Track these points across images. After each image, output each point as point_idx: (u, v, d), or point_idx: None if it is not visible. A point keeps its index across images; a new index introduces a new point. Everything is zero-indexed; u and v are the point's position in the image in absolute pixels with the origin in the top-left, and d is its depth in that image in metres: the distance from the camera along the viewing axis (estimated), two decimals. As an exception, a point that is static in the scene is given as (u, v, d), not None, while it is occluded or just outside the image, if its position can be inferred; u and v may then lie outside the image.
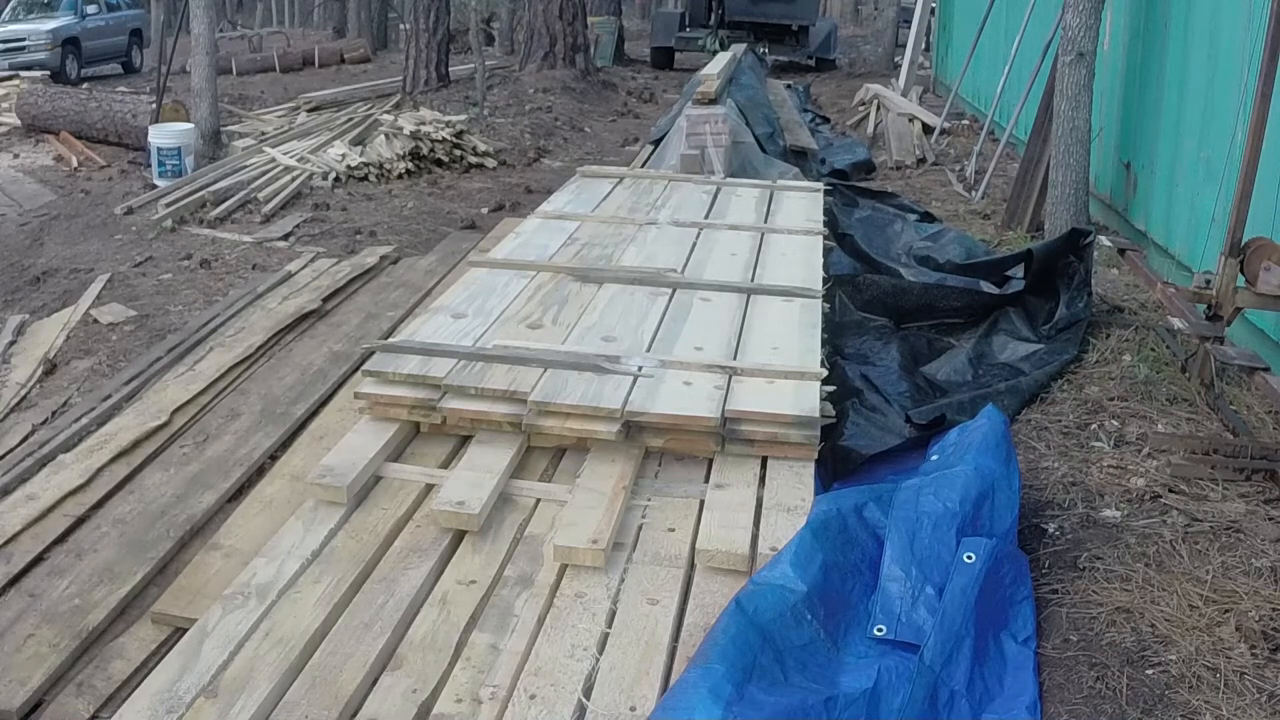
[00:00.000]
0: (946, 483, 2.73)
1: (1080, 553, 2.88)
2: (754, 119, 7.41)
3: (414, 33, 12.85)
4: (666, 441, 3.10)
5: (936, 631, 2.40)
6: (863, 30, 24.88)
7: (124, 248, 5.97)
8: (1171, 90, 5.25)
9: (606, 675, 2.26)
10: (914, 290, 4.56)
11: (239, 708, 2.16)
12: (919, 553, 2.56)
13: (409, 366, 3.26)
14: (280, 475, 3.32)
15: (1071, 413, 3.74)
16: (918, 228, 5.77)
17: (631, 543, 2.73)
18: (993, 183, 7.26)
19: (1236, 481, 3.20)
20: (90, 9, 17.85)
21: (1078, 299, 4.34)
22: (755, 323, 3.73)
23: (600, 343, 3.48)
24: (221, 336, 4.41)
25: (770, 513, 2.81)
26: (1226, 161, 4.33)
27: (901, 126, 9.55)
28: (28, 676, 2.47)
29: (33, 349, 4.52)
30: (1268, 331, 4.08)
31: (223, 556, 2.86)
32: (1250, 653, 2.44)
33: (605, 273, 4.17)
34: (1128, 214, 5.84)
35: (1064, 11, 5.64)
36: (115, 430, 3.59)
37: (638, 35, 21.31)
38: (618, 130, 11.19)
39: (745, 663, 2.19)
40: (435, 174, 8.01)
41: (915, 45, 12.47)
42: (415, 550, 2.71)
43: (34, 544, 2.97)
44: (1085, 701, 2.37)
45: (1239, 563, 2.78)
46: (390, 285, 5.13)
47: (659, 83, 15.36)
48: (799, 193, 5.70)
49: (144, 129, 8.37)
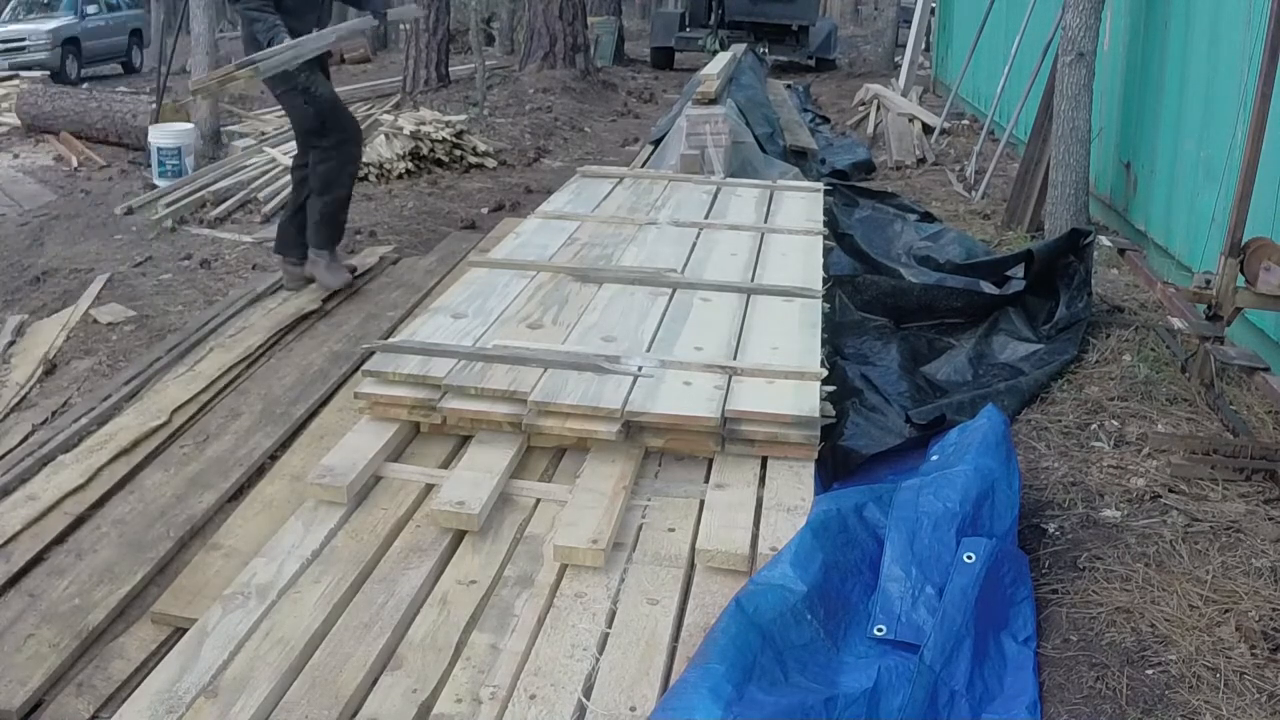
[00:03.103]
0: (946, 483, 2.73)
1: (1080, 553, 2.88)
2: (754, 119, 7.41)
3: (414, 33, 12.85)
4: (666, 441, 3.10)
5: (936, 631, 2.40)
6: (863, 30, 24.88)
7: (124, 248, 5.97)
8: (1171, 90, 5.25)
9: (606, 675, 2.26)
10: (914, 290, 4.56)
11: (239, 708, 2.16)
12: (919, 553, 2.56)
13: (409, 366, 3.26)
14: (280, 475, 3.32)
15: (1071, 413, 3.74)
16: (918, 228, 5.77)
17: (631, 543, 2.73)
18: (993, 183, 7.26)
19: (1236, 481, 3.20)
20: (90, 9, 17.87)
21: (1078, 299, 4.34)
22: (755, 323, 3.73)
23: (600, 343, 3.48)
24: (221, 336, 4.42)
25: (770, 513, 2.81)
26: (1226, 161, 4.33)
27: (901, 126, 9.55)
28: (28, 676, 2.47)
29: (33, 349, 4.52)
30: (1268, 331, 4.08)
31: (223, 556, 2.86)
32: (1250, 653, 2.44)
33: (605, 273, 4.17)
34: (1128, 214, 5.84)
35: (1064, 11, 5.64)
36: (115, 430, 3.59)
37: (638, 35, 21.31)
38: (618, 130, 11.19)
39: (745, 663, 2.19)
40: (435, 174, 8.00)
41: (915, 45, 12.47)
42: (415, 550, 2.71)
43: (34, 544, 2.97)
44: (1085, 701, 2.37)
45: (1239, 563, 2.78)
46: (390, 285, 5.13)
47: (659, 83, 15.36)
48: (799, 193, 5.70)
49: (144, 129, 8.37)
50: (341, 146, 4.89)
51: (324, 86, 4.91)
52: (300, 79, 4.70)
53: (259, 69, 4.10)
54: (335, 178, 4.92)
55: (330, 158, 4.88)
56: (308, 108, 4.80)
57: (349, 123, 5.00)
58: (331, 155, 4.88)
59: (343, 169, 4.95)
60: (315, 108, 4.80)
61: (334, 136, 4.85)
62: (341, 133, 4.88)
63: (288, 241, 5.08)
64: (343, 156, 4.91)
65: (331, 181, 4.91)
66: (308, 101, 4.78)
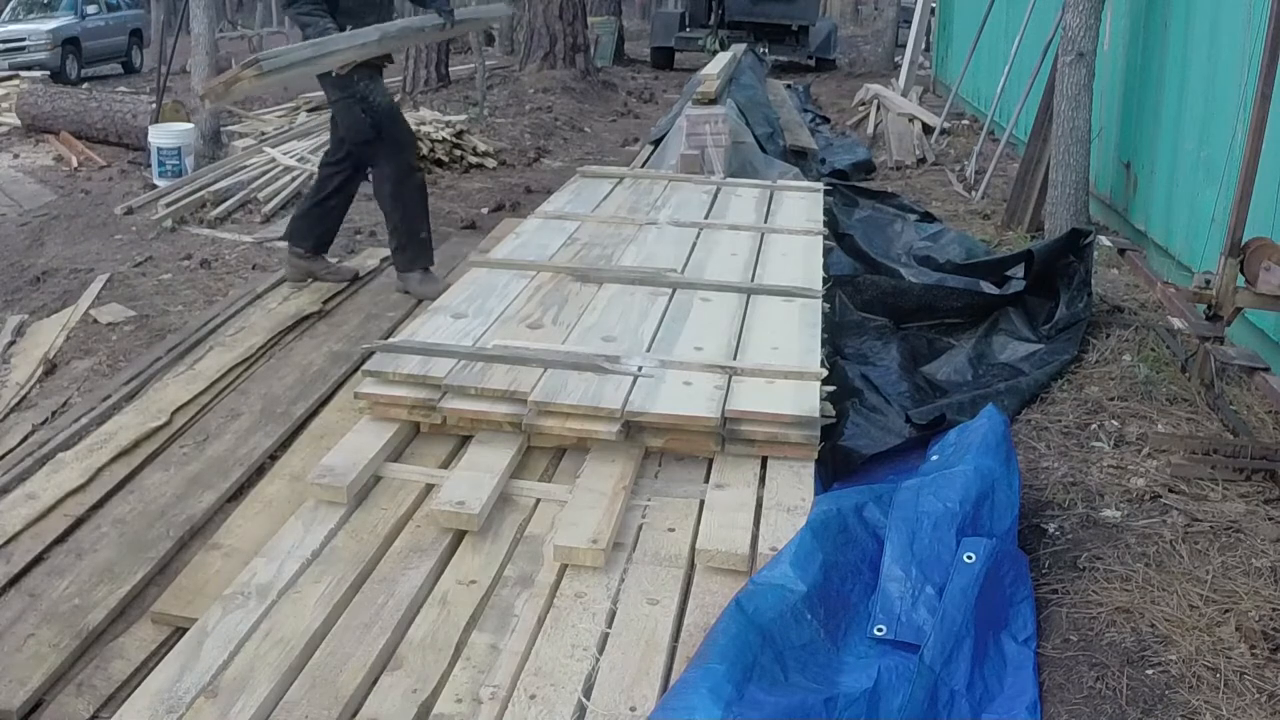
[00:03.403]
0: (946, 483, 2.73)
1: (1080, 553, 2.88)
2: (754, 119, 7.42)
3: (414, 33, 12.83)
4: (666, 441, 3.10)
5: (936, 631, 2.40)
6: (863, 30, 24.89)
7: (124, 248, 5.97)
8: (1171, 90, 5.25)
9: (606, 675, 2.26)
10: (914, 290, 4.56)
11: (239, 708, 2.16)
12: (919, 553, 2.56)
13: (409, 366, 3.26)
14: (280, 475, 3.32)
15: (1071, 413, 3.74)
16: (918, 228, 5.77)
17: (631, 543, 2.73)
18: (993, 183, 7.27)
19: (1236, 481, 3.20)
20: (90, 9, 17.87)
21: (1078, 299, 4.34)
22: (755, 323, 3.73)
23: (600, 343, 3.48)
24: (221, 336, 4.41)
25: (770, 513, 2.81)
26: (1226, 161, 4.33)
27: (901, 126, 9.55)
28: (28, 676, 2.47)
29: (33, 349, 4.52)
30: (1268, 331, 4.08)
31: (223, 556, 2.86)
32: (1250, 653, 2.44)
33: (605, 273, 4.17)
34: (1128, 214, 5.84)
35: (1064, 11, 5.64)
36: (115, 430, 3.59)
37: (638, 35, 21.32)
38: (618, 130, 11.19)
39: (745, 663, 2.19)
40: (435, 174, 8.00)
41: (915, 45, 12.47)
42: (415, 550, 2.71)
43: (34, 544, 2.97)
44: (1085, 701, 2.37)
45: (1239, 563, 2.78)
46: (390, 285, 5.12)
47: (659, 83, 15.37)
48: (799, 193, 5.70)
49: (144, 129, 8.37)
50: (397, 157, 4.68)
51: (383, 95, 4.70)
52: (359, 86, 4.52)
53: (263, 68, 4.05)
54: (399, 192, 4.71)
55: (386, 177, 4.69)
56: (364, 117, 4.59)
57: (404, 133, 4.79)
58: (387, 173, 4.68)
59: (403, 182, 4.72)
60: (372, 118, 4.60)
61: (388, 148, 4.65)
62: (395, 144, 4.68)
63: (299, 232, 4.98)
64: (400, 169, 4.70)
65: (400, 198, 4.71)
66: (365, 110, 4.58)
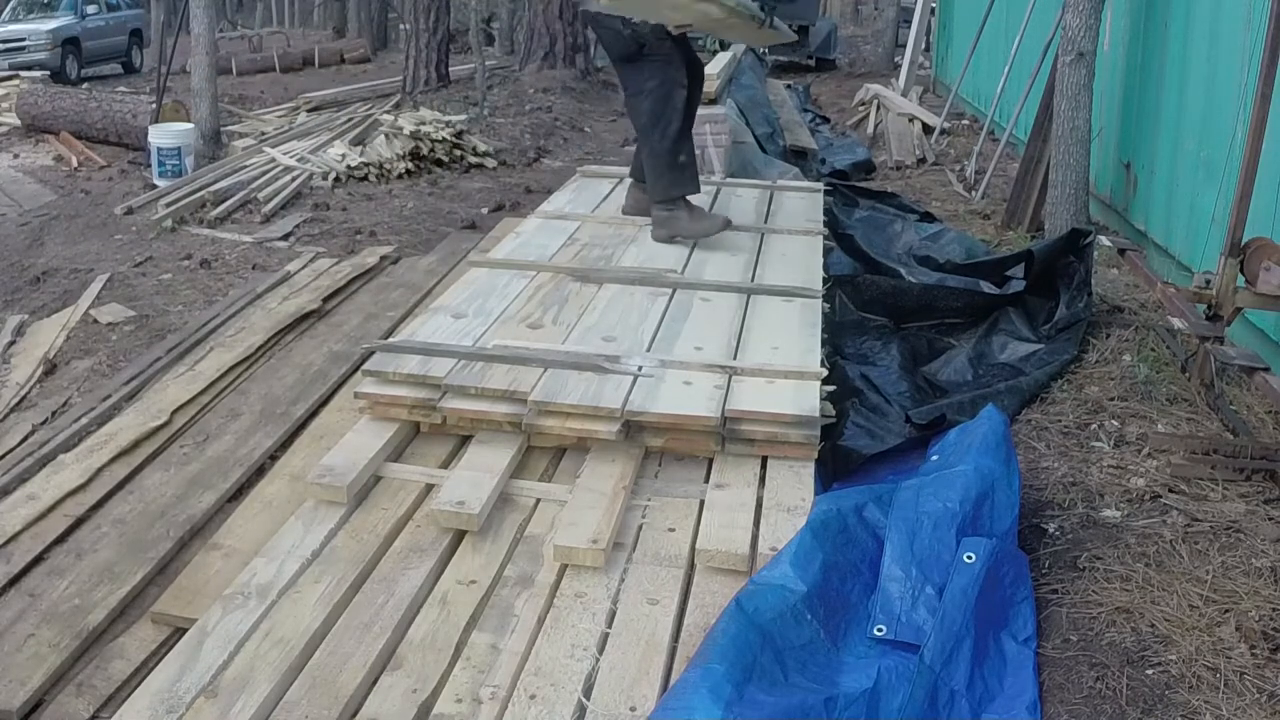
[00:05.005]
0: (946, 483, 2.73)
1: (1080, 553, 2.88)
2: (754, 119, 7.42)
3: (414, 33, 12.86)
4: (666, 441, 3.10)
5: (936, 631, 2.40)
6: (863, 30, 24.86)
7: (124, 248, 5.97)
8: (1171, 90, 5.25)
9: (606, 675, 2.26)
10: (914, 290, 4.56)
11: (239, 708, 2.16)
12: (919, 553, 2.56)
13: (409, 366, 3.26)
14: (280, 475, 3.32)
15: (1071, 413, 3.74)
16: (918, 228, 5.77)
17: (631, 543, 2.73)
18: (993, 183, 7.26)
19: (1236, 481, 3.20)
20: (90, 9, 17.86)
21: (1078, 299, 4.34)
22: (755, 322, 3.73)
23: (600, 343, 3.48)
24: (221, 336, 4.41)
25: (770, 513, 2.81)
26: (1226, 161, 4.33)
27: (901, 126, 9.55)
28: (28, 676, 2.47)
29: (33, 349, 4.52)
30: (1268, 331, 4.08)
31: (223, 556, 2.86)
32: (1250, 653, 2.44)
33: (605, 273, 4.17)
34: (1128, 214, 5.84)
35: (1064, 11, 5.64)
36: (115, 430, 3.59)
37: (638, 35, 21.26)
38: (618, 130, 11.18)
39: (745, 663, 2.19)
40: (435, 174, 8.01)
41: (915, 45, 12.47)
42: (415, 550, 2.71)
43: (34, 544, 2.97)
44: (1085, 701, 2.37)
45: (1239, 563, 2.78)
46: (390, 285, 5.13)
47: (659, 83, 15.33)
48: (799, 193, 5.70)
49: (144, 129, 8.37)
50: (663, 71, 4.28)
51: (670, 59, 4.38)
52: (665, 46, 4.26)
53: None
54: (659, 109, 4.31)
55: (647, 91, 4.30)
56: (624, 30, 4.29)
57: (671, 51, 4.35)
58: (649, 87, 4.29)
59: (667, 100, 4.31)
60: (631, 31, 4.28)
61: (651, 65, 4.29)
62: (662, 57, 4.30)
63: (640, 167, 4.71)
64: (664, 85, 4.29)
65: (658, 115, 4.32)
66: (625, 24, 4.28)
